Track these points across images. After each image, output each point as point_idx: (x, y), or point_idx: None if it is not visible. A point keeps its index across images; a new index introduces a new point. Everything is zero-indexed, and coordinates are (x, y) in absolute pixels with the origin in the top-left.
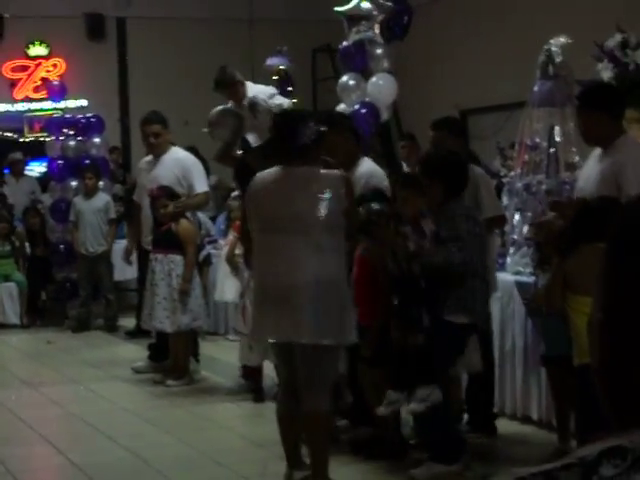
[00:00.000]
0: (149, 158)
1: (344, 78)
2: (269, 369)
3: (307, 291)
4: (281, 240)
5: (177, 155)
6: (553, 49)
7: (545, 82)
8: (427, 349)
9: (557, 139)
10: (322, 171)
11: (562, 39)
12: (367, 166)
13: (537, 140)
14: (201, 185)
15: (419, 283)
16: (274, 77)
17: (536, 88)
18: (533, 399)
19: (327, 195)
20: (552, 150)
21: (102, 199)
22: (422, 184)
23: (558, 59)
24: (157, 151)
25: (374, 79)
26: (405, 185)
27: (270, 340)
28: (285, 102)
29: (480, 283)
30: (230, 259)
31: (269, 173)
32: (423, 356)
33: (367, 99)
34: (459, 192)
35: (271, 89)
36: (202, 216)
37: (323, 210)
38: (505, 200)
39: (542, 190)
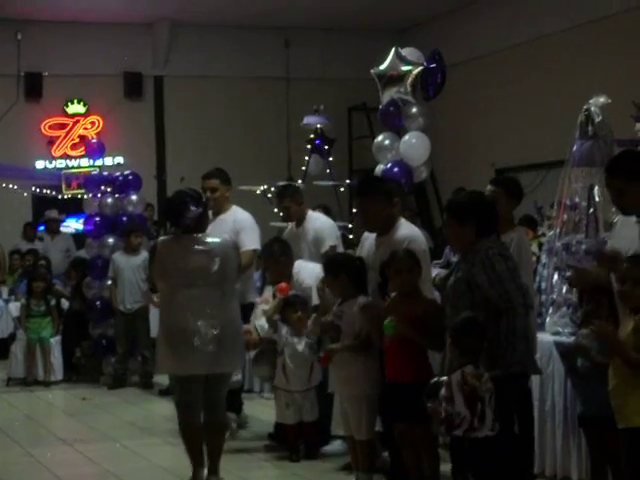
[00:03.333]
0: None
1: (379, 138)
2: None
3: (224, 329)
4: (197, 292)
5: (236, 215)
6: (592, 109)
7: (584, 142)
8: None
9: (597, 199)
10: (215, 238)
11: (601, 99)
12: (406, 231)
13: (576, 200)
14: (250, 242)
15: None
16: (311, 135)
17: (575, 148)
18: (573, 460)
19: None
20: (591, 210)
21: (142, 256)
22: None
23: (597, 119)
24: (215, 207)
25: (407, 137)
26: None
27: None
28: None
29: (522, 323)
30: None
31: (171, 240)
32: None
33: (402, 158)
34: (491, 232)
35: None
36: None
37: (223, 267)
38: (544, 259)
39: (581, 250)
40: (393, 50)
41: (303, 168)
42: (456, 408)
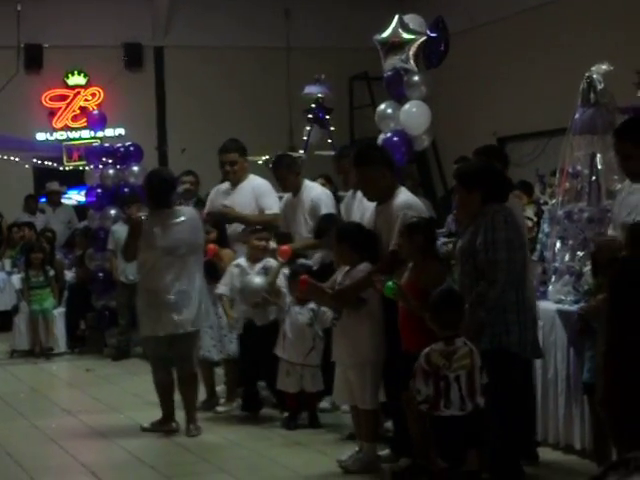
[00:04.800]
0: (225, 186)
1: (382, 106)
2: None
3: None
4: (174, 259)
5: (254, 182)
6: (594, 77)
7: (586, 109)
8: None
9: (599, 167)
10: (185, 212)
11: (603, 67)
12: (404, 197)
13: (578, 168)
14: (273, 205)
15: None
16: (312, 105)
17: (577, 115)
18: (576, 428)
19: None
20: (594, 178)
21: None
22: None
23: (599, 86)
24: (234, 179)
25: (407, 107)
26: None
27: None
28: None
29: (517, 304)
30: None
31: (151, 215)
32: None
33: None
34: (499, 200)
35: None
36: None
37: (194, 237)
38: (546, 228)
39: (584, 218)
40: (396, 17)
41: (305, 138)
42: (416, 385)
